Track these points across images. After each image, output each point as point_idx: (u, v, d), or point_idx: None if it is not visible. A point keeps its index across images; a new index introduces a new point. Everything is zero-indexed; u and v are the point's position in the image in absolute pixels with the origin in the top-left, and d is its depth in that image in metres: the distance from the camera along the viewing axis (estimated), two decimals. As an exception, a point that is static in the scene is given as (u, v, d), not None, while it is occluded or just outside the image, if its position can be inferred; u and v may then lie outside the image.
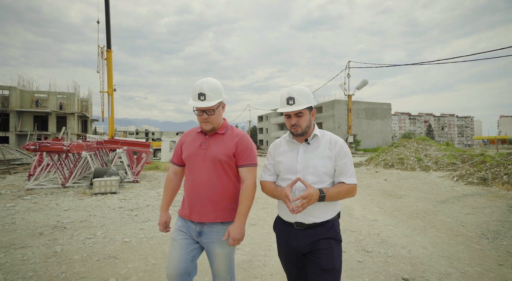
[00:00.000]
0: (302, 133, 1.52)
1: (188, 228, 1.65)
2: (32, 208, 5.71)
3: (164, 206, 1.78)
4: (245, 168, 1.64)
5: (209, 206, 1.60)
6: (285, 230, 1.55)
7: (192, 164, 1.65)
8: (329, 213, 1.49)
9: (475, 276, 2.80)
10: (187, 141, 1.72)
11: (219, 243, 1.61)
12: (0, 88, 31.71)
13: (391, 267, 3.02)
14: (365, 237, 3.99)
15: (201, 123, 1.64)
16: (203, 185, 1.61)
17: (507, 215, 4.96)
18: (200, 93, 1.57)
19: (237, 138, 1.66)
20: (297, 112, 1.48)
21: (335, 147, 1.50)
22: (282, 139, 1.66)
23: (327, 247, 1.44)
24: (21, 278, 2.67)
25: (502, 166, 8.67)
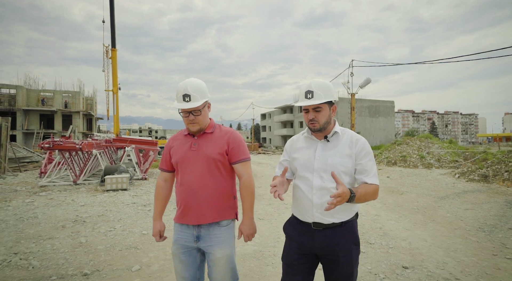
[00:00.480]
0: (320, 129, 1.46)
1: (185, 236, 1.61)
2: (49, 204, 6.00)
3: (156, 215, 1.72)
4: (240, 163, 1.63)
5: (205, 207, 1.58)
6: (301, 230, 1.49)
7: (185, 167, 1.61)
8: (348, 213, 1.44)
9: (470, 265, 3.02)
10: (175, 145, 1.68)
11: (218, 246, 1.56)
12: (7, 87, 32.16)
13: (392, 257, 3.25)
14: (368, 230, 4.22)
15: (188, 125, 1.61)
16: (198, 186, 1.58)
17: (504, 210, 5.16)
18: (184, 94, 1.53)
19: (227, 135, 1.65)
20: (315, 106, 1.43)
21: (356, 145, 1.44)
22: (300, 136, 1.60)
23: (347, 254, 1.39)
24: (54, 264, 2.94)
25: (503, 163, 8.83)
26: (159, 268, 2.91)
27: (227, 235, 1.60)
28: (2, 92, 32.53)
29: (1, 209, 5.46)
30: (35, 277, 2.68)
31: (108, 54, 23.38)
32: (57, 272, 2.79)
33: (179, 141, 1.68)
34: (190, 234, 1.59)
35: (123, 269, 2.87)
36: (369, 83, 13.88)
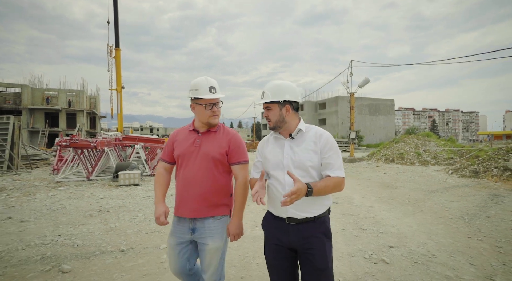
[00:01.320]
0: (273, 127, 1.56)
1: (180, 229, 1.69)
2: (71, 197, 6.54)
3: (160, 198, 1.76)
4: (237, 165, 1.70)
5: (201, 202, 1.64)
6: (276, 225, 1.55)
7: (186, 162, 1.67)
8: (320, 208, 1.50)
9: (446, 245, 3.54)
10: (179, 139, 1.74)
11: (211, 237, 1.64)
12: (12, 86, 32.69)
13: (381, 239, 3.77)
14: (361, 219, 4.74)
15: (209, 118, 1.67)
16: (196, 182, 1.64)
17: (486, 201, 5.68)
18: (210, 86, 1.63)
19: (229, 136, 1.72)
20: (266, 105, 1.54)
21: (320, 140, 1.50)
22: (270, 136, 1.66)
23: (320, 246, 1.46)
24: (94, 243, 3.49)
25: (493, 159, 9.34)
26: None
27: (220, 228, 1.68)
28: (8, 91, 33.08)
29: (30, 201, 6.01)
30: (82, 252, 3.22)
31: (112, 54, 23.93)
32: (98, 249, 3.33)
33: (183, 135, 1.75)
34: (186, 227, 1.67)
35: (152, 247, 3.41)
36: (367, 83, 14.36)
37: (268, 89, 1.53)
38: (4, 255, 3.12)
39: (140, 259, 3.06)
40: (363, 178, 9.77)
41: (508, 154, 9.13)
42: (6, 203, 5.84)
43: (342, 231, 4.12)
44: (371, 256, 3.19)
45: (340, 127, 39.69)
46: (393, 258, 3.13)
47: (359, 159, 16.34)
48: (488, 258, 3.13)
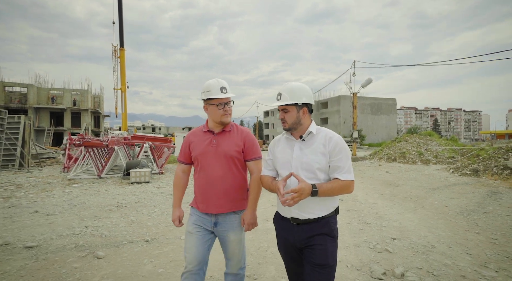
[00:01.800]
0: (289, 129, 1.58)
1: (203, 221, 1.80)
2: (87, 193, 6.86)
3: (176, 203, 1.90)
4: (253, 161, 1.82)
5: (223, 198, 1.75)
6: (283, 225, 1.61)
7: (204, 161, 1.77)
8: (324, 209, 1.51)
9: (445, 237, 3.82)
10: (195, 141, 1.83)
11: (233, 230, 1.77)
12: (19, 85, 33.11)
13: (384, 232, 4.05)
14: (365, 214, 5.02)
15: (222, 117, 1.76)
16: (217, 180, 1.74)
17: (485, 198, 5.94)
18: (222, 87, 1.73)
19: (243, 134, 1.82)
20: (283, 107, 1.55)
21: (330, 143, 1.51)
22: (281, 136, 1.70)
23: (321, 242, 1.48)
24: (119, 234, 3.79)
25: (493, 158, 9.57)
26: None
27: (240, 222, 1.81)
28: (13, 90, 33.52)
29: (49, 197, 6.33)
30: (110, 242, 3.52)
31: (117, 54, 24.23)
32: (124, 238, 3.63)
33: (199, 136, 1.83)
34: (209, 220, 1.78)
35: (174, 238, 3.71)
36: (370, 83, 14.59)
37: (286, 91, 1.54)
38: (42, 243, 3.43)
39: (165, 248, 3.36)
40: (366, 176, 10.04)
41: (507, 153, 9.36)
42: (28, 199, 6.15)
43: (348, 225, 4.40)
44: (375, 246, 3.47)
45: (342, 127, 39.88)
46: (395, 248, 3.41)
47: (361, 158, 16.59)
48: (484, 248, 3.40)
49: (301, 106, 1.54)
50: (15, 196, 6.52)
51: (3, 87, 32.06)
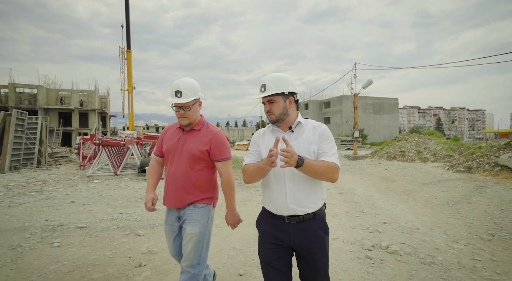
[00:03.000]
0: (276, 120, 1.53)
1: (170, 218, 1.86)
2: (110, 187, 7.56)
3: (150, 188, 1.91)
4: (221, 162, 1.82)
5: (184, 195, 1.78)
6: (275, 224, 1.53)
7: (171, 157, 1.82)
8: (318, 202, 1.52)
9: (428, 222, 4.44)
10: (167, 136, 1.89)
11: (190, 223, 1.76)
12: (29, 87, 34.04)
13: (377, 218, 4.69)
14: (362, 205, 5.65)
15: (179, 119, 1.81)
16: (179, 176, 1.78)
17: (471, 191, 6.55)
18: (177, 91, 1.74)
19: (211, 136, 1.82)
20: (269, 99, 1.51)
21: (318, 130, 1.52)
22: (267, 129, 1.65)
23: (320, 243, 1.49)
24: (151, 219, 4.47)
25: (486, 156, 10.14)
26: (221, 221, 4.41)
27: (200, 216, 1.78)
28: (23, 91, 34.47)
29: (77, 191, 7.03)
30: (145, 224, 4.20)
31: (124, 56, 25.02)
32: (156, 222, 4.31)
33: (171, 132, 1.90)
34: (174, 216, 1.84)
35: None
36: (370, 84, 15.16)
37: (271, 82, 1.50)
38: (89, 225, 4.12)
39: (191, 229, 4.03)
40: (366, 173, 10.65)
41: (499, 151, 9.93)
42: (58, 192, 6.86)
43: (346, 213, 5.05)
44: (368, 228, 4.11)
45: (344, 126, 40.40)
46: (385, 230, 4.05)
47: (362, 157, 17.18)
48: (459, 230, 4.03)
49: (287, 96, 1.52)
50: (45, 190, 7.23)
51: (14, 89, 33.00)
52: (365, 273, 2.73)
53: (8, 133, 11.83)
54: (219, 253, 3.23)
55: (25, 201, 5.79)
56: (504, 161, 8.94)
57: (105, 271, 2.73)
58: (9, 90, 32.69)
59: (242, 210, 5.21)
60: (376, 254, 3.18)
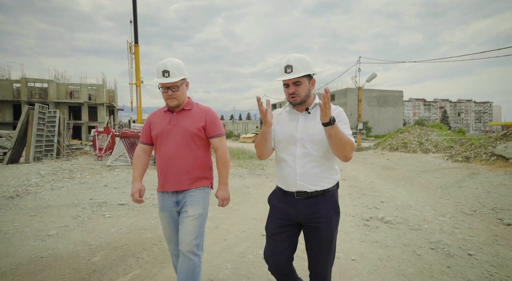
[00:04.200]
0: (300, 103, 1.52)
1: (167, 203, 1.79)
2: (131, 175, 8.28)
3: (136, 178, 1.84)
4: (216, 138, 1.81)
5: (183, 176, 1.73)
6: (285, 200, 1.57)
7: (164, 140, 1.75)
8: (329, 181, 1.53)
9: (422, 201, 5.07)
10: (155, 120, 1.82)
11: (191, 205, 1.73)
12: (40, 81, 34.90)
13: (376, 199, 5.32)
14: (364, 189, 6.28)
15: (167, 100, 1.75)
16: (176, 157, 1.72)
17: (464, 177, 7.14)
18: (164, 70, 1.68)
19: (204, 112, 1.81)
20: (295, 80, 1.48)
21: (334, 112, 1.51)
22: (283, 110, 1.66)
23: (327, 219, 1.50)
24: (179, 199, 5.16)
25: (483, 146, 10.66)
26: (240, 200, 5.09)
27: (201, 197, 1.77)
28: (35, 86, 35.37)
29: (104, 178, 7.77)
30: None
31: (132, 50, 25.60)
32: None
33: (158, 116, 1.83)
34: (171, 201, 1.77)
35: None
36: (374, 77, 15.60)
37: (297, 62, 1.47)
38: (128, 203, 4.83)
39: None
40: (368, 162, 11.25)
41: (496, 142, 10.43)
42: (87, 179, 7.60)
43: (349, 195, 5.69)
44: (367, 206, 4.75)
45: (348, 119, 40.61)
46: (382, 207, 4.69)
47: (366, 148, 17.73)
48: (447, 207, 4.65)
49: (311, 77, 1.53)
50: (75, 177, 7.98)
51: (26, 83, 33.90)
52: (363, 235, 3.38)
53: (32, 126, 12.61)
54: (243, 222, 3.91)
55: (63, 185, 6.53)
56: (500, 151, 9.46)
57: (155, 232, 3.43)
58: (21, 85, 33.59)
59: (257, 192, 5.88)
60: (372, 223, 3.82)
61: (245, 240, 3.24)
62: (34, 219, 3.92)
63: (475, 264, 2.60)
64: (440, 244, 3.08)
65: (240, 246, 3.07)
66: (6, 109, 33.80)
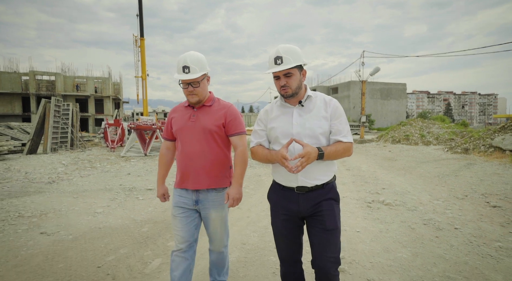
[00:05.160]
0: (292, 95, 1.49)
1: (184, 200, 1.77)
2: (148, 164, 8.85)
3: (160, 180, 1.90)
4: (236, 136, 1.77)
5: (202, 174, 1.72)
6: (284, 195, 1.56)
7: (184, 136, 1.74)
8: (328, 174, 1.54)
9: (419, 188, 5.58)
10: (176, 116, 1.80)
11: (214, 208, 1.75)
12: (47, 74, 35.41)
13: (378, 185, 5.84)
14: (366, 177, 6.80)
15: (187, 96, 1.72)
16: (196, 155, 1.71)
17: (461, 167, 7.63)
18: (184, 66, 1.64)
19: (225, 109, 1.77)
20: (286, 72, 1.44)
21: (330, 106, 1.50)
22: (273, 105, 1.62)
23: (329, 208, 1.50)
24: (199, 185, 5.73)
25: (482, 138, 11.09)
26: (255, 186, 5.63)
27: (223, 200, 1.77)
28: (42, 79, 35.90)
29: (123, 167, 8.35)
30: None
31: (137, 43, 25.95)
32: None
33: (179, 112, 1.82)
34: (189, 199, 1.76)
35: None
36: (378, 71, 15.93)
37: (287, 53, 1.43)
38: (155, 188, 5.37)
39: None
40: (371, 154, 11.74)
41: (494, 134, 10.85)
42: (107, 168, 8.18)
43: (353, 182, 6.21)
44: (370, 191, 5.28)
45: (351, 112, 41.02)
46: (383, 192, 5.21)
47: (368, 140, 18.19)
48: (442, 193, 5.16)
49: (301, 68, 1.50)
50: (95, 166, 8.56)
51: (34, 76, 34.43)
52: (366, 214, 3.92)
53: (49, 118, 13.19)
54: (260, 203, 4.46)
55: (89, 173, 7.12)
56: (497, 142, 9.90)
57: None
58: (30, 78, 34.12)
59: (269, 179, 6.42)
60: (374, 205, 4.36)
61: (266, 217, 3.79)
62: (78, 200, 4.49)
63: (459, 235, 3.13)
64: (431, 221, 3.61)
65: (262, 222, 3.62)
66: (15, 102, 34.46)
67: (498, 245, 2.85)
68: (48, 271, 2.41)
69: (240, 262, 2.60)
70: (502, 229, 3.32)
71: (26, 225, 3.38)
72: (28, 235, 3.12)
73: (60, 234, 3.15)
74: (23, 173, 7.05)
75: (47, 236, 3.09)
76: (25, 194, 4.91)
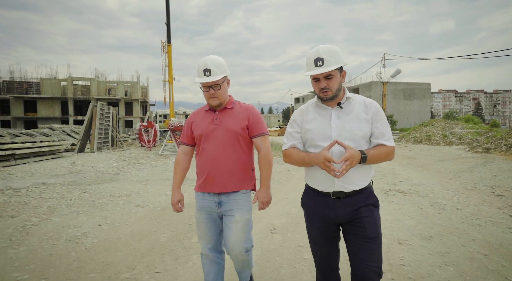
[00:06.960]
0: (332, 97, 1.45)
1: (207, 204, 1.77)
2: (188, 161, 10.01)
3: (176, 186, 1.87)
4: (259, 137, 1.78)
5: (227, 177, 1.72)
6: (320, 201, 1.51)
7: (207, 140, 1.74)
8: (366, 179, 1.49)
9: (433, 181, 6.24)
10: (197, 120, 1.82)
11: (238, 210, 1.73)
12: (83, 80, 38.38)
13: (395, 179, 6.56)
14: (385, 173, 7.51)
15: (208, 99, 1.74)
16: (220, 158, 1.71)
17: (477, 165, 8.12)
18: (205, 69, 1.66)
19: (247, 111, 1.80)
20: (327, 74, 1.39)
21: (371, 108, 1.46)
22: (309, 106, 1.58)
23: (370, 214, 1.44)
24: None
25: (504, 138, 11.31)
26: (286, 178, 6.54)
27: (246, 202, 1.78)
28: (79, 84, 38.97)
29: (166, 164, 9.57)
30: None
31: (165, 49, 27.69)
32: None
33: (200, 116, 1.83)
34: (212, 201, 1.77)
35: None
36: (399, 73, 16.32)
37: (328, 54, 1.39)
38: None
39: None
40: (391, 153, 12.28)
41: (516, 134, 11.05)
42: (153, 164, 9.42)
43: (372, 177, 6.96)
44: (387, 183, 6.05)
45: (373, 112, 40.78)
46: (399, 184, 5.96)
47: (390, 141, 18.51)
48: (454, 185, 5.83)
49: (341, 70, 1.46)
50: (142, 163, 9.86)
51: (71, 81, 37.49)
52: (382, 198, 4.73)
53: (95, 121, 14.89)
54: (295, 190, 5.39)
55: (142, 168, 8.37)
56: (518, 142, 10.15)
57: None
58: (68, 83, 37.19)
59: (297, 173, 7.32)
60: (391, 193, 5.15)
61: (299, 200, 4.72)
62: (147, 186, 5.65)
63: (458, 213, 3.90)
64: (438, 204, 4.37)
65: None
66: (56, 105, 37.64)
67: (489, 219, 3.59)
68: (157, 225, 3.50)
69: (290, 224, 3.55)
70: (498, 210, 4.02)
71: (122, 201, 4.55)
72: (127, 206, 4.28)
73: (150, 206, 4.28)
74: (89, 167, 8.42)
75: (141, 207, 4.23)
76: (104, 181, 6.16)
